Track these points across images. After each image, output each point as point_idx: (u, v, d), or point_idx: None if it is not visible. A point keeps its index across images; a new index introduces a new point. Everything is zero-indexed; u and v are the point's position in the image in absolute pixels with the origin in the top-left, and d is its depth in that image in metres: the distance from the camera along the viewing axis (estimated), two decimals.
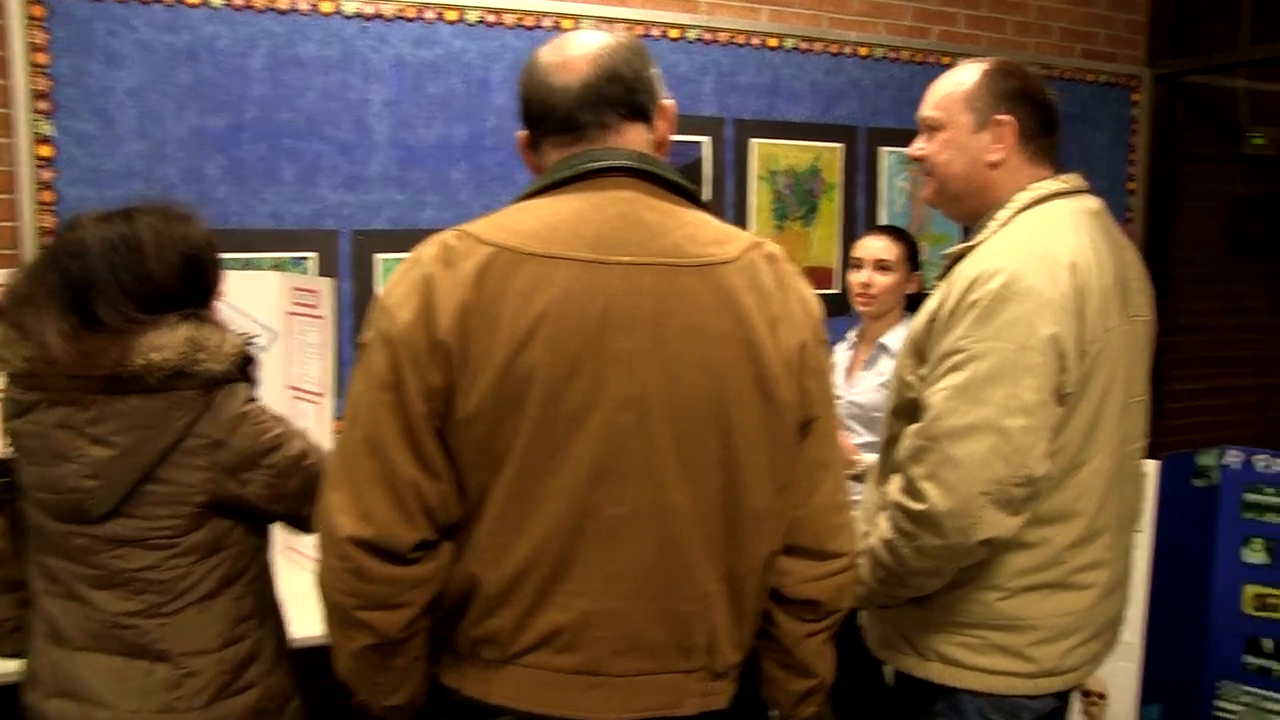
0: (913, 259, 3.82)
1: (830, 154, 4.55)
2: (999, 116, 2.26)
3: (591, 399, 1.65)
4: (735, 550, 1.76)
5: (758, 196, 4.42)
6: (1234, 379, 5.77)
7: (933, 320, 2.18)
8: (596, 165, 1.75)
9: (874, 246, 3.81)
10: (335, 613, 1.71)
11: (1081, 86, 5.12)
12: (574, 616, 1.69)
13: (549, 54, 1.81)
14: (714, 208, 1.84)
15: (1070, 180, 2.29)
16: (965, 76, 2.32)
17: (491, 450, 1.65)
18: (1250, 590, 3.81)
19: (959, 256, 2.25)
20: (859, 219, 4.64)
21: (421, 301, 1.64)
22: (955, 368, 2.07)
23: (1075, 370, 2.08)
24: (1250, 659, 3.79)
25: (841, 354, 3.97)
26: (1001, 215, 2.23)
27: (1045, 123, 2.29)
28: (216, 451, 2.14)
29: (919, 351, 2.22)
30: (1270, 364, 5.91)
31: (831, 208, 4.58)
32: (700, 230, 1.77)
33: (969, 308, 2.09)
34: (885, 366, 3.69)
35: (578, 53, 1.79)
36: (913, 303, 3.79)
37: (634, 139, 1.81)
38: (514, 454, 1.64)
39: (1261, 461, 3.83)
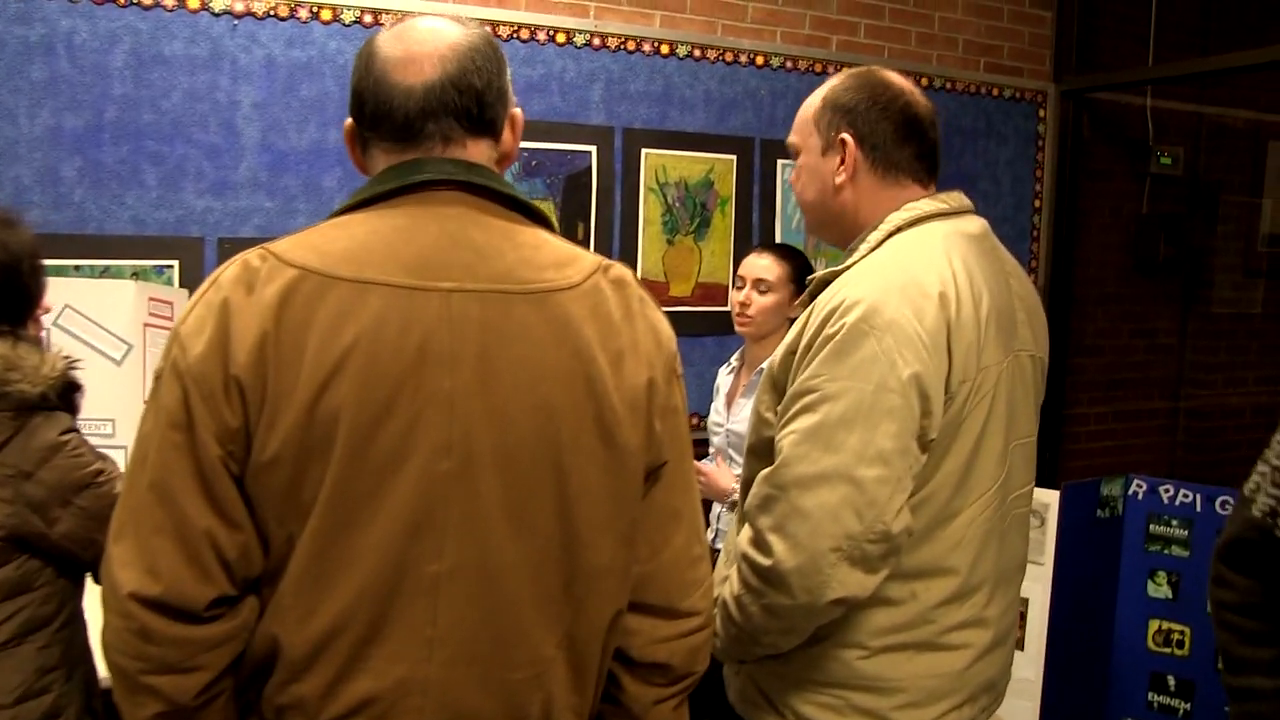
0: (799, 279, 3.65)
1: (724, 166, 4.44)
2: (841, 135, 2.10)
3: (407, 443, 1.48)
4: (574, 610, 1.61)
5: (647, 209, 4.29)
6: (1140, 403, 5.72)
7: (791, 353, 2.02)
8: (422, 178, 1.59)
9: (756, 265, 3.67)
10: (120, 677, 1.52)
11: (987, 101, 5.05)
12: (389, 684, 1.52)
13: (390, 44, 1.63)
14: (555, 225, 1.74)
15: (950, 200, 2.12)
16: (816, 95, 2.17)
17: (296, 499, 1.48)
18: (1154, 625, 3.75)
19: (825, 282, 2.08)
20: (754, 234, 4.53)
21: (217, 330, 1.47)
22: (807, 409, 1.91)
23: (941, 414, 1.93)
24: (1154, 696, 3.75)
25: (723, 378, 3.87)
26: (872, 238, 2.07)
27: (904, 134, 2.10)
28: (22, 484, 1.98)
29: (776, 386, 2.05)
30: (1178, 387, 5.85)
31: (725, 222, 4.47)
32: (538, 252, 1.61)
33: (824, 342, 1.93)
34: None
35: (424, 49, 1.61)
36: None
37: (477, 154, 1.65)
38: (321, 504, 1.47)
39: (1166, 492, 3.77)
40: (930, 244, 2.02)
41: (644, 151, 4.25)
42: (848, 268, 2.05)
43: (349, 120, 1.69)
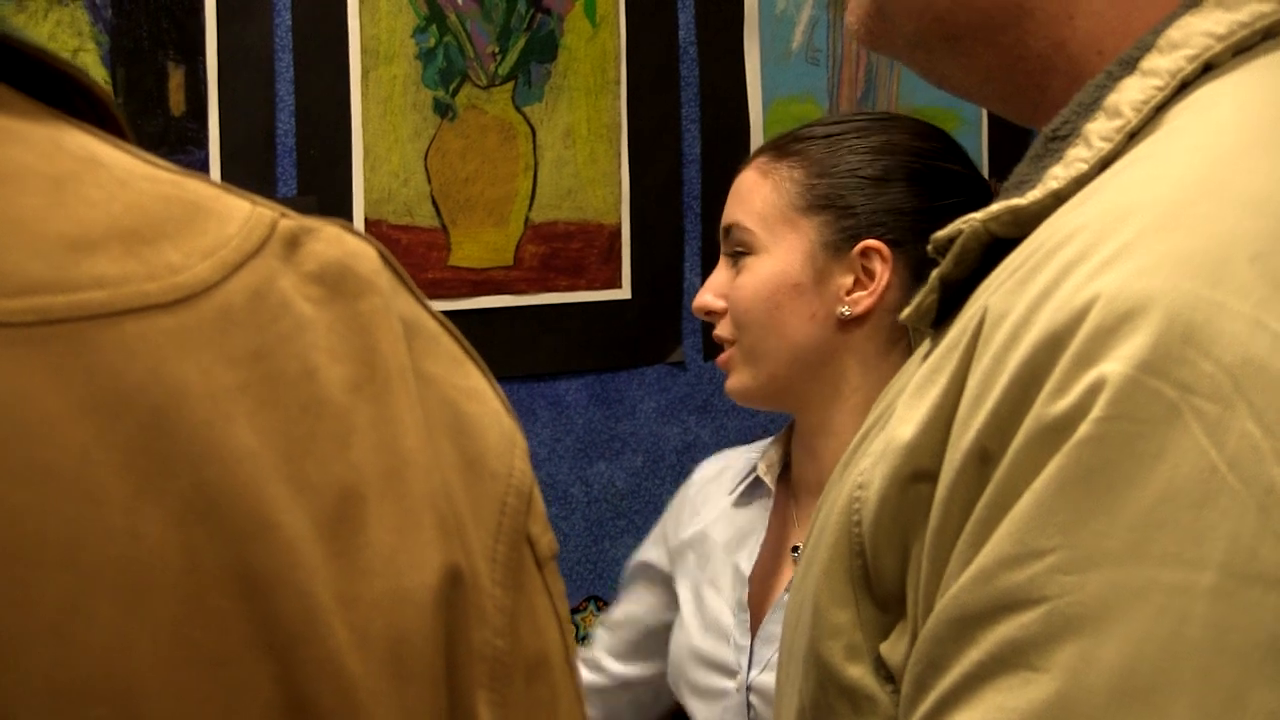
0: (888, 213, 1.35)
1: None
2: None
3: None
4: None
5: (374, 19, 1.73)
6: None
7: (924, 476, 0.56)
8: None
9: (746, 186, 1.40)
10: None
11: None
12: None
13: None
14: (114, 104, 0.34)
15: None
16: None
17: None
18: None
19: (1000, 242, 0.60)
20: (690, 88, 1.95)
21: None
22: (1021, 659, 0.47)
23: None
24: None
25: (717, 519, 1.48)
26: (1127, 99, 0.58)
27: None
28: None
29: (883, 573, 0.60)
30: None
31: (598, 47, 1.84)
32: (64, 195, 0.37)
33: (1039, 439, 0.49)
34: None
35: None
36: None
37: None
38: None
39: None
40: None
41: None
42: (1059, 195, 0.60)
43: None
